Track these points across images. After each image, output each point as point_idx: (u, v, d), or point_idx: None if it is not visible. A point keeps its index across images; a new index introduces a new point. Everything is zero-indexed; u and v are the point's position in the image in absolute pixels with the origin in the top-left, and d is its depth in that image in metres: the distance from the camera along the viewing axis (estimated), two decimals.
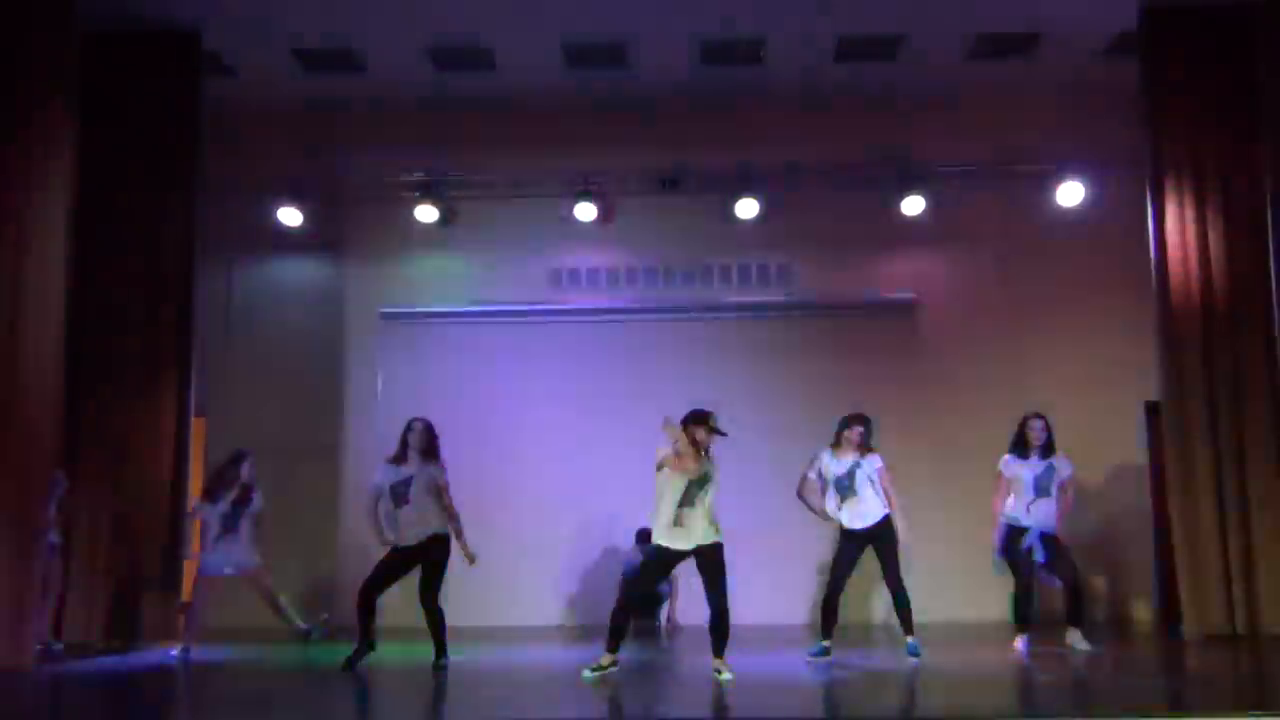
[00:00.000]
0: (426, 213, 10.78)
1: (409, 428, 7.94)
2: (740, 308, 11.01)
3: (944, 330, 10.85)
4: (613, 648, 7.09)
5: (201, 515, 8.77)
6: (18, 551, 7.83)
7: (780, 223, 10.81)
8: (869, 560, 8.06)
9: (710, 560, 7.12)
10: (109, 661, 8.39)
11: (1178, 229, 9.29)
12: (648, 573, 7.56)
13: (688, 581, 8.99)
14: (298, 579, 10.33)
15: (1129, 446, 10.56)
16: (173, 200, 9.62)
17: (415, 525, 7.71)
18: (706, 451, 7.17)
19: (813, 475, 8.09)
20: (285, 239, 10.96)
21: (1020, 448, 8.37)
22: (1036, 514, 8.29)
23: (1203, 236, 9.28)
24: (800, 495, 8.12)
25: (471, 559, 7.76)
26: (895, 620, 8.09)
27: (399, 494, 7.74)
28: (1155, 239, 9.35)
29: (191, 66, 9.75)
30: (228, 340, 10.80)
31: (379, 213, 10.99)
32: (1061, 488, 8.32)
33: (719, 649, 7.04)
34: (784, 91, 10.66)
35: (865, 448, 8.01)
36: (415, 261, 11.17)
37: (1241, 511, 8.97)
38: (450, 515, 7.80)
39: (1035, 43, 10.03)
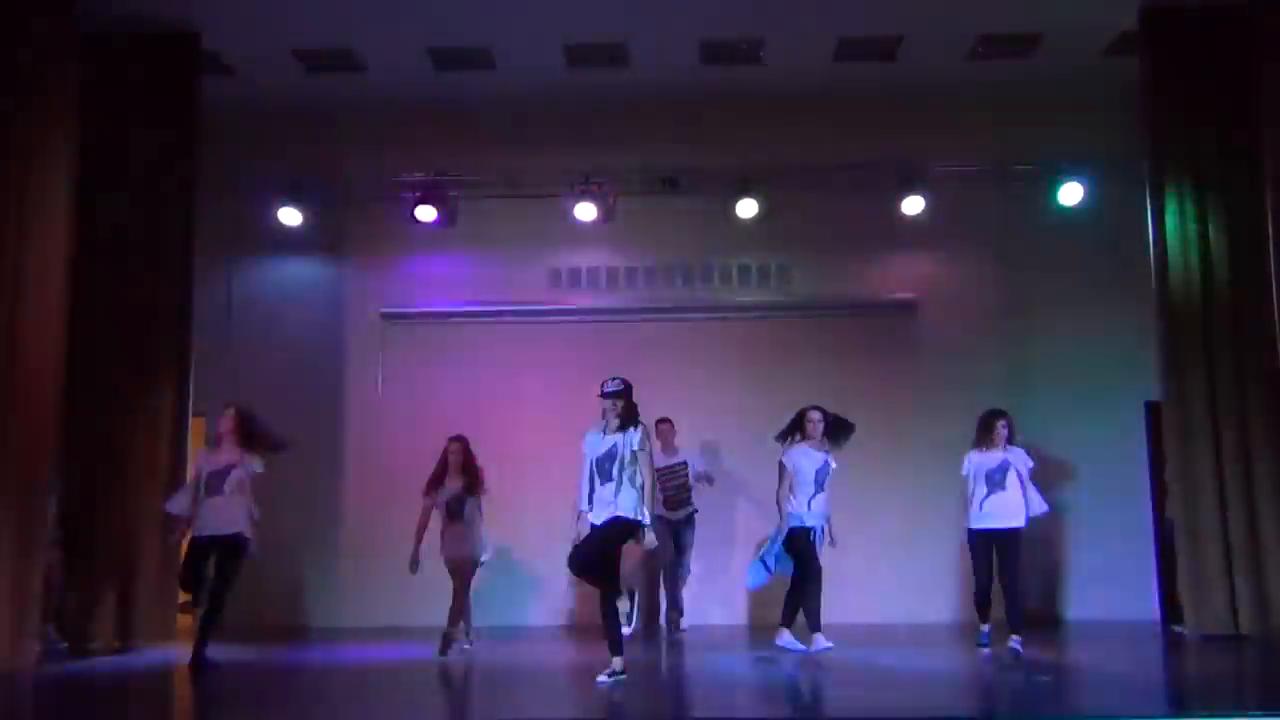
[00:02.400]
0: (426, 213, 10.77)
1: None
2: (740, 308, 11.00)
3: (944, 330, 10.83)
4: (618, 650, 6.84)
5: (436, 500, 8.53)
6: (18, 551, 7.82)
7: (780, 223, 10.81)
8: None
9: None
10: (109, 661, 8.38)
11: (1178, 229, 9.30)
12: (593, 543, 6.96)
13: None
14: (299, 577, 10.33)
15: (1129, 446, 10.56)
16: (172, 200, 9.62)
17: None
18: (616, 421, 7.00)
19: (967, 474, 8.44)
20: (285, 239, 10.95)
21: (800, 439, 8.45)
22: (818, 509, 8.38)
23: (1203, 236, 9.28)
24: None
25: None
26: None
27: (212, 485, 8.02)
28: (1155, 239, 9.36)
29: (191, 66, 9.75)
30: (228, 340, 10.79)
31: (379, 213, 10.97)
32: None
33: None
34: (784, 91, 10.65)
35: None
36: (415, 261, 11.16)
37: (1242, 511, 8.97)
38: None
39: (1035, 43, 10.02)
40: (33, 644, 7.96)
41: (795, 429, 8.44)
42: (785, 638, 8.23)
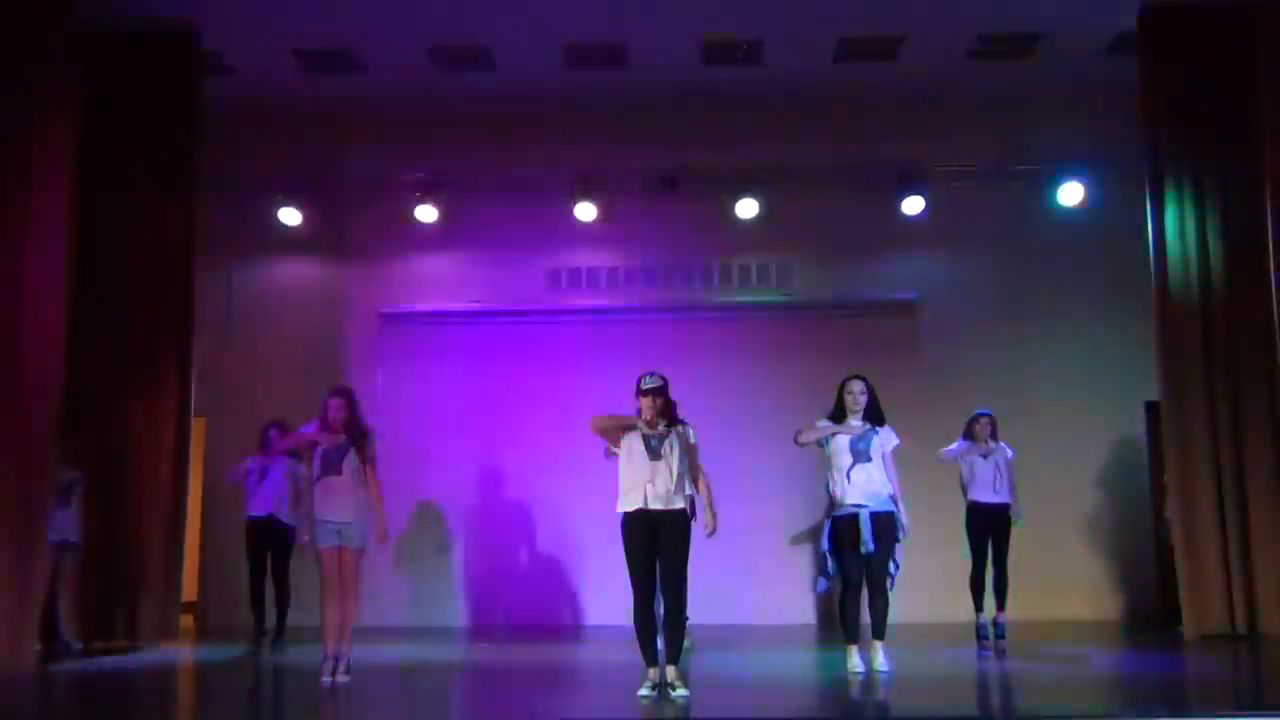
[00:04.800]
0: (426, 213, 10.78)
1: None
2: (740, 308, 11.00)
3: (944, 330, 10.84)
4: (649, 658, 6.39)
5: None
6: (19, 552, 7.82)
7: (780, 223, 10.81)
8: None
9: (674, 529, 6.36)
10: (110, 661, 8.39)
11: (1177, 229, 9.30)
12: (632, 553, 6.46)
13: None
14: (297, 577, 10.32)
15: (1129, 446, 10.56)
16: (173, 200, 9.62)
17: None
18: (662, 419, 6.54)
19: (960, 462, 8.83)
20: (285, 239, 10.96)
21: (839, 411, 7.30)
22: (862, 484, 7.10)
23: (1203, 236, 9.29)
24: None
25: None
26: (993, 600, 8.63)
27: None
28: (1155, 239, 9.36)
29: (191, 66, 9.75)
30: (228, 340, 10.79)
31: (379, 213, 10.98)
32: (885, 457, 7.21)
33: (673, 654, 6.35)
34: (784, 91, 10.65)
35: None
36: (415, 261, 11.17)
37: (1241, 511, 8.98)
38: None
39: (1035, 43, 10.02)
40: (32, 644, 7.95)
41: (836, 404, 7.32)
42: (854, 658, 7.14)
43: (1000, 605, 8.57)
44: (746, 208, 10.66)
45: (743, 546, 10.30)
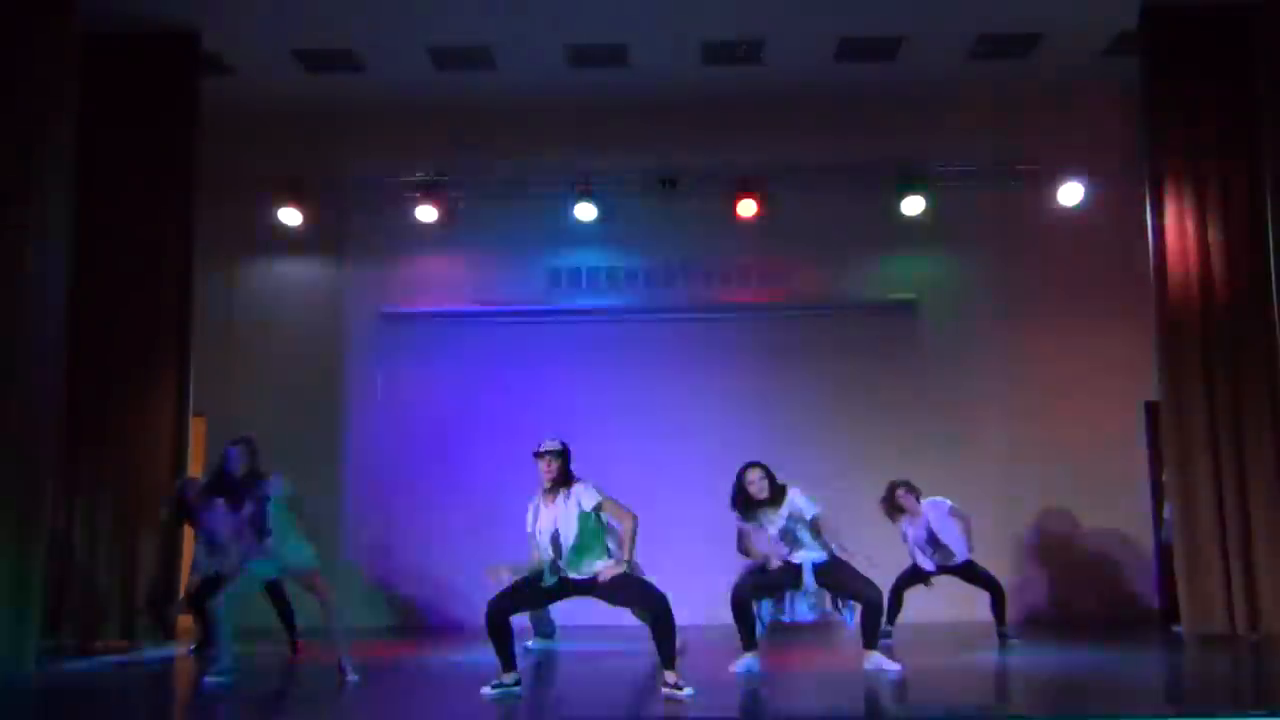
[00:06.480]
0: (426, 213, 10.78)
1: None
2: (740, 308, 11.01)
3: (944, 330, 10.84)
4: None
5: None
6: (18, 551, 7.83)
7: (780, 223, 10.81)
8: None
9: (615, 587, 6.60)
10: (109, 661, 8.39)
11: (1177, 229, 9.31)
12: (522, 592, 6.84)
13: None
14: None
15: (1129, 446, 10.56)
16: (173, 200, 9.63)
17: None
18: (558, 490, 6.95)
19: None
20: (285, 239, 10.95)
21: (742, 499, 7.44)
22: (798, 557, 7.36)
23: (1202, 236, 9.30)
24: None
25: None
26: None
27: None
28: (1155, 239, 9.37)
29: (191, 66, 9.76)
30: (228, 340, 10.79)
31: (379, 213, 10.98)
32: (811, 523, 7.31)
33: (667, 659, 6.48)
34: (784, 91, 10.66)
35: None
36: (415, 261, 11.17)
37: (1241, 511, 8.99)
38: None
39: (1035, 43, 10.03)
40: (33, 644, 7.96)
41: (738, 494, 7.47)
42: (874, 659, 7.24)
43: (1000, 620, 8.59)
44: (746, 208, 10.66)
45: (727, 548, 10.30)
